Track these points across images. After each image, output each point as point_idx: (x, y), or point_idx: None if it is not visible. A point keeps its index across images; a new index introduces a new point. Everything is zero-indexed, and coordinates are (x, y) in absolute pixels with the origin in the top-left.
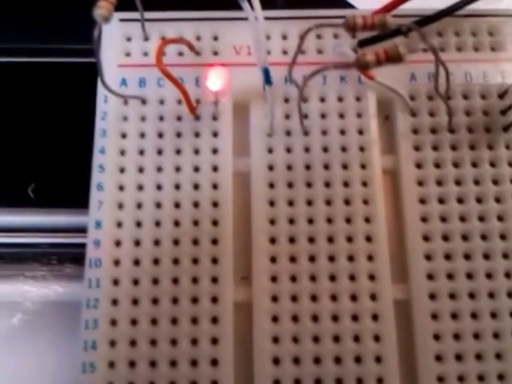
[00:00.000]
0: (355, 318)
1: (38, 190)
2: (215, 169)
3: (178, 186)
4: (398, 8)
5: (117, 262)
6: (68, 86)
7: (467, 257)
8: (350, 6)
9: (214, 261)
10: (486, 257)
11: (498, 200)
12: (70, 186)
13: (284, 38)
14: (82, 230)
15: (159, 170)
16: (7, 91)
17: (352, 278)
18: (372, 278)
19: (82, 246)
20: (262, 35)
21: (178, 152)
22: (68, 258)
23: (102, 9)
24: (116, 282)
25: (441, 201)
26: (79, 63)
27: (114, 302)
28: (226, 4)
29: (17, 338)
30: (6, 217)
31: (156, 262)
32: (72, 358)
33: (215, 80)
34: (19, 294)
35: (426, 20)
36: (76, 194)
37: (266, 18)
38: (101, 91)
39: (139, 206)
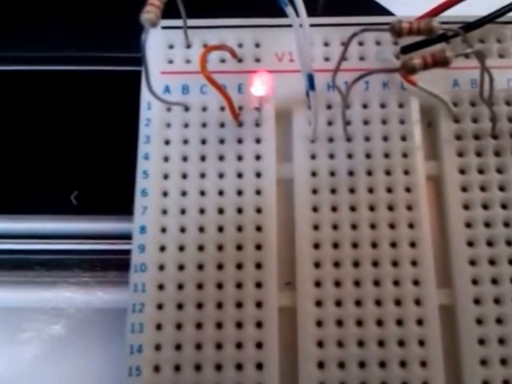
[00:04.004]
0: (400, 322)
1: (81, 197)
2: (258, 175)
3: (221, 192)
4: (438, 15)
5: (162, 267)
6: (110, 93)
7: None
8: (389, 13)
9: (258, 266)
10: None
11: None
12: (111, 192)
13: (326, 44)
14: (124, 236)
15: (202, 176)
16: (50, 99)
17: (396, 283)
18: (416, 283)
19: (125, 252)
20: (308, 41)
21: (221, 158)
22: (111, 264)
23: (149, 13)
24: (161, 287)
25: (485, 206)
26: (121, 71)
27: (160, 307)
28: (267, 11)
29: (61, 344)
30: (50, 224)
31: (200, 267)
32: (116, 363)
33: (260, 85)
34: (63, 300)
35: (468, 26)
36: (118, 201)
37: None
38: (145, 98)
39: (183, 211)
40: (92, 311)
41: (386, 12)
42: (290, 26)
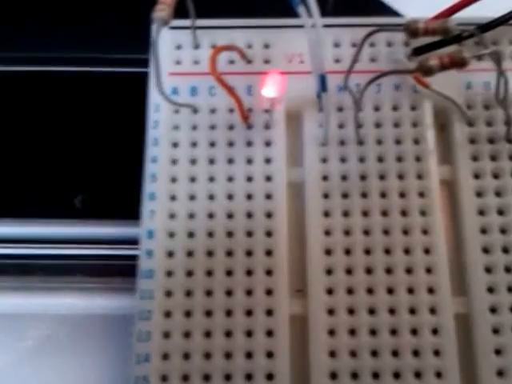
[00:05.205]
0: (414, 331)
1: (85, 201)
2: (268, 179)
3: (230, 196)
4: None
5: (169, 273)
6: (116, 95)
7: None
8: (397, 14)
9: (269, 272)
10: None
11: None
12: (116, 196)
13: (336, 45)
14: (129, 241)
15: (211, 179)
16: (56, 100)
17: (410, 290)
18: (431, 291)
19: (130, 257)
20: (320, 42)
21: (231, 161)
22: (115, 270)
23: (161, 12)
24: (169, 294)
25: (500, 212)
26: (128, 73)
27: (167, 314)
28: (277, 11)
29: (63, 352)
30: (52, 228)
31: (209, 273)
32: (119, 372)
33: (272, 87)
34: (65, 306)
35: (483, 27)
36: (122, 205)
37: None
38: (152, 100)
39: (191, 216)
40: (95, 318)
41: (394, 13)
42: (299, 26)
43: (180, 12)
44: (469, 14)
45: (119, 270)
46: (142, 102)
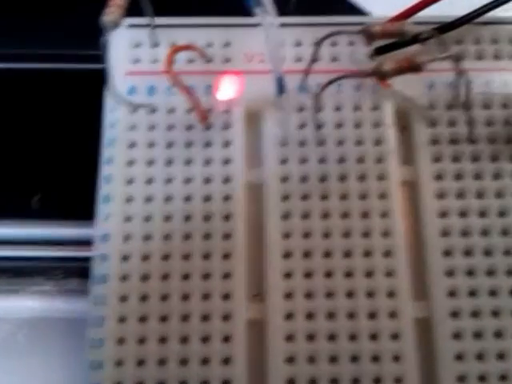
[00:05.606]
0: (374, 337)
1: (42, 202)
2: (227, 180)
3: (188, 198)
4: (415, 15)
5: (124, 278)
6: (73, 93)
7: (490, 273)
8: (363, 13)
9: (226, 276)
10: (510, 273)
11: None
12: (74, 197)
13: (297, 45)
14: (87, 243)
15: (169, 181)
16: (11, 97)
17: (370, 295)
18: (391, 295)
19: (88, 259)
20: (277, 44)
21: (188, 162)
22: (73, 272)
23: (111, 14)
24: (123, 299)
25: (461, 214)
26: (85, 69)
27: (121, 320)
28: (238, 10)
29: (21, 355)
30: (9, 229)
31: (165, 277)
32: (77, 375)
33: (227, 89)
34: (23, 309)
35: (444, 27)
36: (81, 206)
37: (279, 25)
38: (109, 99)
39: (148, 218)
40: (54, 321)
41: (359, 12)
42: (260, 25)
43: (139, 10)
44: (439, 11)
45: (77, 272)
46: (101, 100)
